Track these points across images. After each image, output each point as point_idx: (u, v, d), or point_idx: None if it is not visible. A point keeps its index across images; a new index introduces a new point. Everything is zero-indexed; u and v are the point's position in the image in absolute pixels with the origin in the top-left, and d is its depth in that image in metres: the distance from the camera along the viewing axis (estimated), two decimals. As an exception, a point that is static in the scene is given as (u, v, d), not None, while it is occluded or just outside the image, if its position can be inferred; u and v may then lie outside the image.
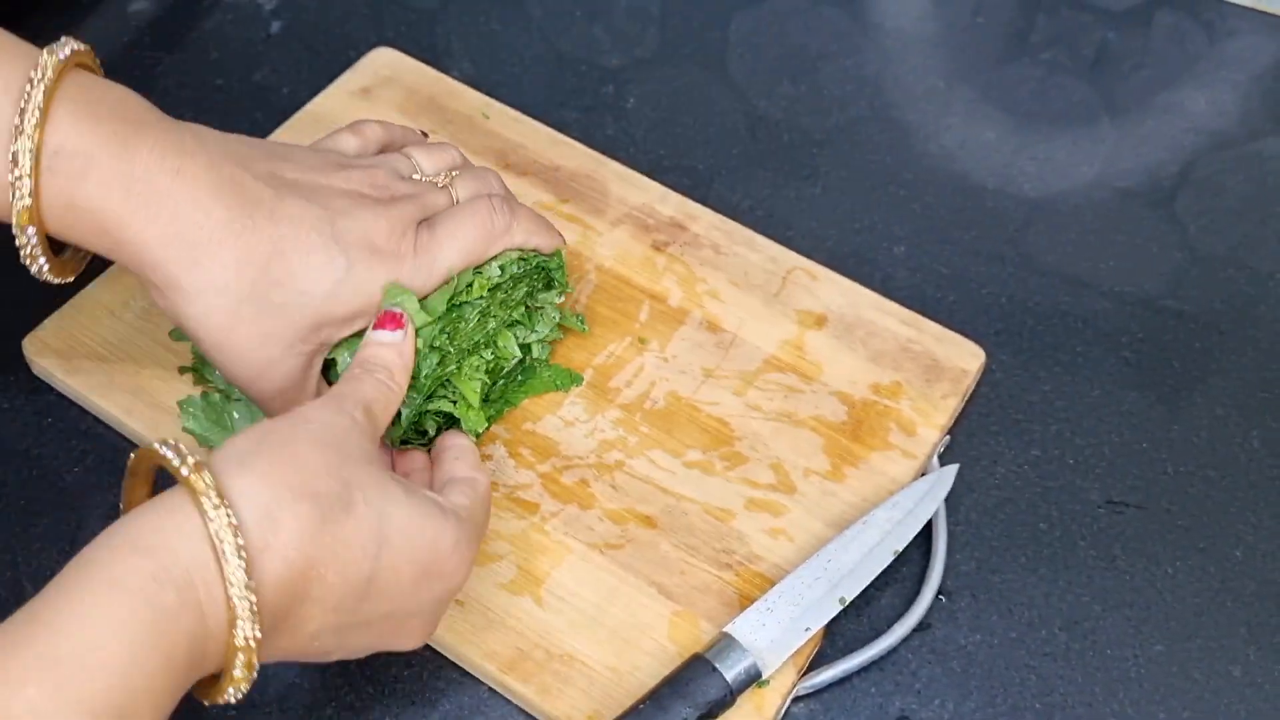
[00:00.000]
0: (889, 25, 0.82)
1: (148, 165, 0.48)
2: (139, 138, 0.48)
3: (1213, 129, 0.77)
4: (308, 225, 0.51)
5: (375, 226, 0.53)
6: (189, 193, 0.49)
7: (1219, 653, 0.58)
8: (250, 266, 0.50)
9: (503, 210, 0.57)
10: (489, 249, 0.56)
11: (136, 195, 0.48)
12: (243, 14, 0.80)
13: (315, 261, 0.51)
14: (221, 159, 0.51)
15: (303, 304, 0.51)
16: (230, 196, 0.50)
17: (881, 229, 0.72)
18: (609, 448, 0.61)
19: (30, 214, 0.48)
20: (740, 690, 0.52)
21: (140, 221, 0.48)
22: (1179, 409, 0.65)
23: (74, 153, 0.47)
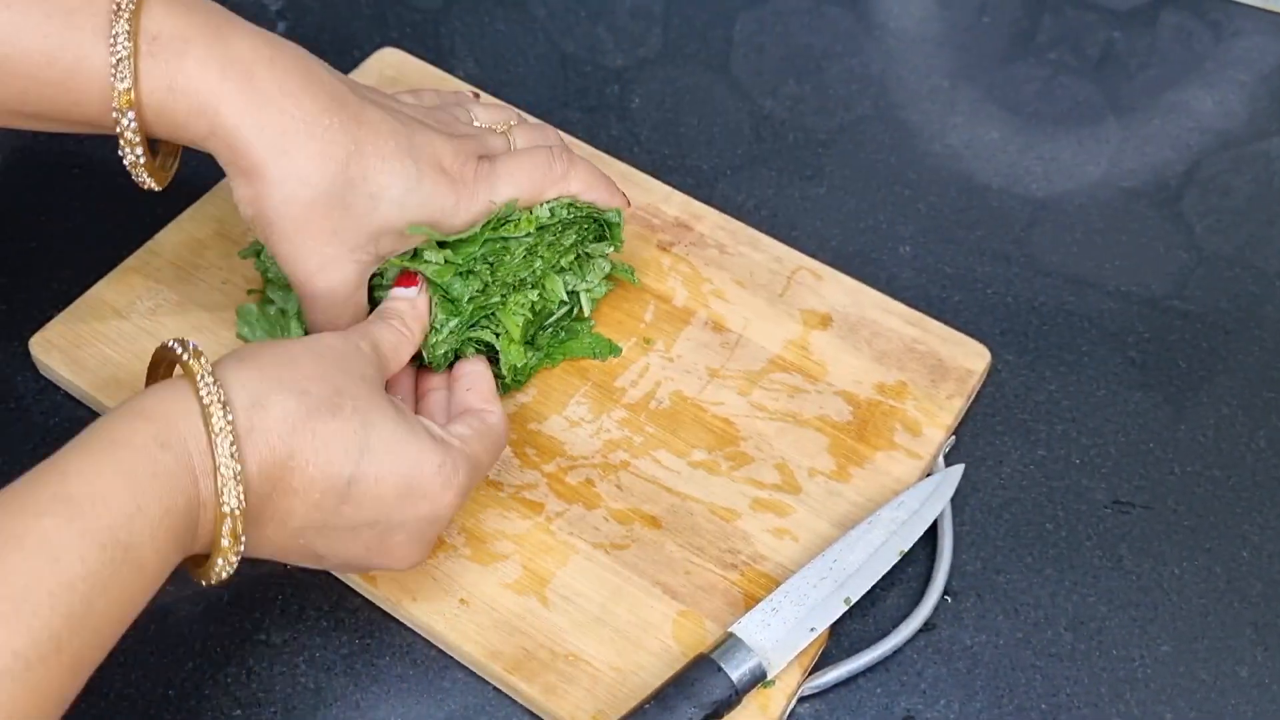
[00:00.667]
0: (893, 25, 0.82)
1: (242, 50, 0.51)
2: (231, 27, 0.51)
3: (1219, 129, 0.77)
4: (386, 132, 0.54)
5: (444, 148, 0.56)
6: (282, 82, 0.51)
7: (1225, 653, 0.58)
8: (332, 161, 0.52)
9: (560, 159, 0.60)
10: (545, 191, 0.59)
11: (232, 78, 0.50)
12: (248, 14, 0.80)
13: (389, 167, 0.53)
14: (308, 58, 0.54)
15: (372, 206, 0.53)
16: (319, 91, 0.52)
17: (886, 229, 0.72)
18: (614, 448, 0.61)
19: (129, 99, 0.49)
20: (745, 690, 0.52)
21: (235, 104, 0.50)
22: (1185, 409, 0.65)
23: (170, 35, 0.50)
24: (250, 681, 0.55)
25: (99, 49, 0.49)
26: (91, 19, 0.49)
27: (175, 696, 0.55)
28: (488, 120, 0.62)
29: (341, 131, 0.52)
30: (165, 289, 0.65)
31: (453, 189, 0.55)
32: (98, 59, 0.49)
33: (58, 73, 0.49)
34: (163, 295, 0.64)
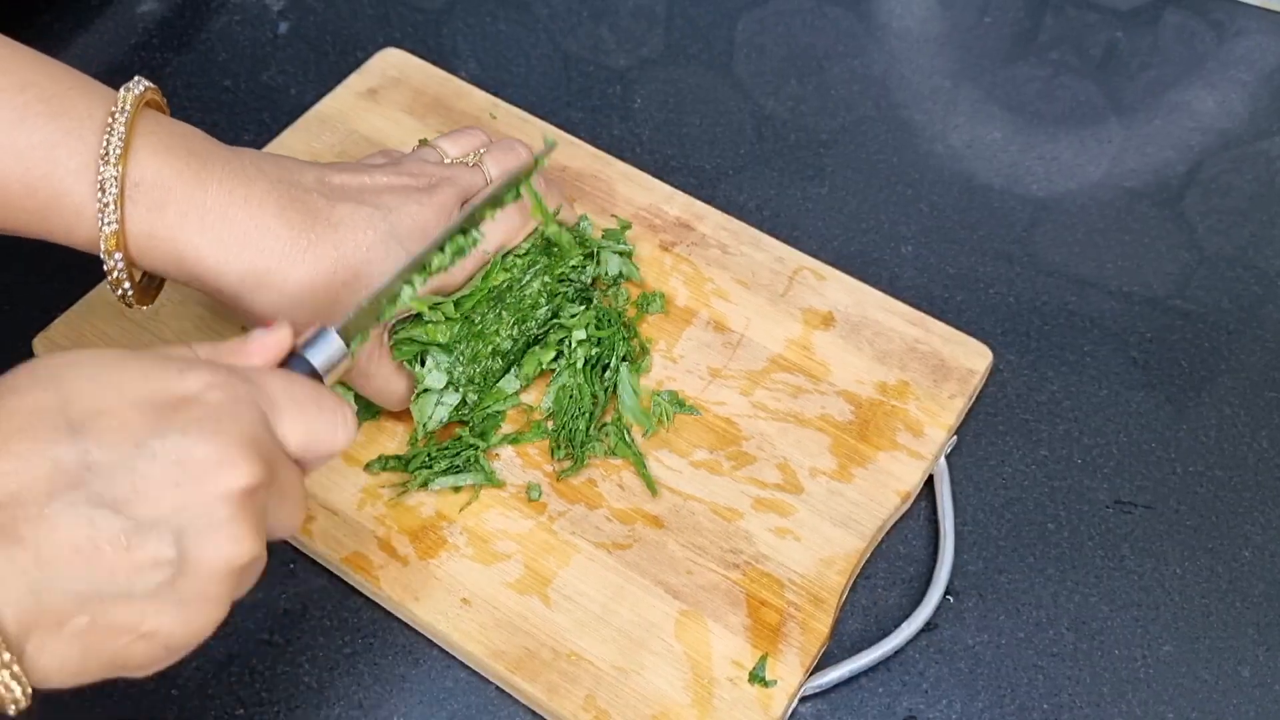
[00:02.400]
0: (895, 25, 0.82)
1: (218, 196, 0.52)
2: (208, 170, 0.52)
3: (1220, 129, 0.77)
4: (362, 224, 0.54)
5: (422, 214, 0.56)
6: (256, 218, 0.52)
7: (1227, 653, 0.58)
8: (319, 277, 0.53)
9: (537, 182, 0.60)
10: (529, 221, 0.60)
11: (210, 227, 0.51)
12: (250, 15, 0.81)
13: (375, 257, 0.54)
14: (277, 180, 0.54)
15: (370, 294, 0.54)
16: (292, 214, 0.53)
17: (888, 229, 0.72)
18: (616, 447, 0.61)
19: (117, 240, 0.50)
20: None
21: (217, 252, 0.52)
22: (1187, 409, 0.65)
23: (153, 184, 0.50)
24: (253, 681, 0.55)
25: (80, 187, 0.49)
26: (74, 157, 0.49)
27: (179, 696, 0.55)
28: (457, 152, 0.62)
29: (320, 245, 0.53)
30: (168, 288, 0.65)
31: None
32: (78, 197, 0.49)
33: (37, 203, 0.50)
34: (166, 295, 0.64)
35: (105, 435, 0.38)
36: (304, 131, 0.71)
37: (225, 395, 0.41)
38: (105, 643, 0.38)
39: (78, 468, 0.38)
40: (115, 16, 0.80)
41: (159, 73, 0.77)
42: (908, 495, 0.60)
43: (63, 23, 0.79)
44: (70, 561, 0.37)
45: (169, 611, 0.39)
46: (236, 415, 0.40)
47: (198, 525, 0.39)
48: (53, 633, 0.37)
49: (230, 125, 0.75)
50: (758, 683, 0.54)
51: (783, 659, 0.55)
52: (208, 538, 0.39)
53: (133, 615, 0.38)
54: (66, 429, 0.38)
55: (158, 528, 0.38)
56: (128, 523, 0.38)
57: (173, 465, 0.39)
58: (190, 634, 0.40)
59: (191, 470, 0.39)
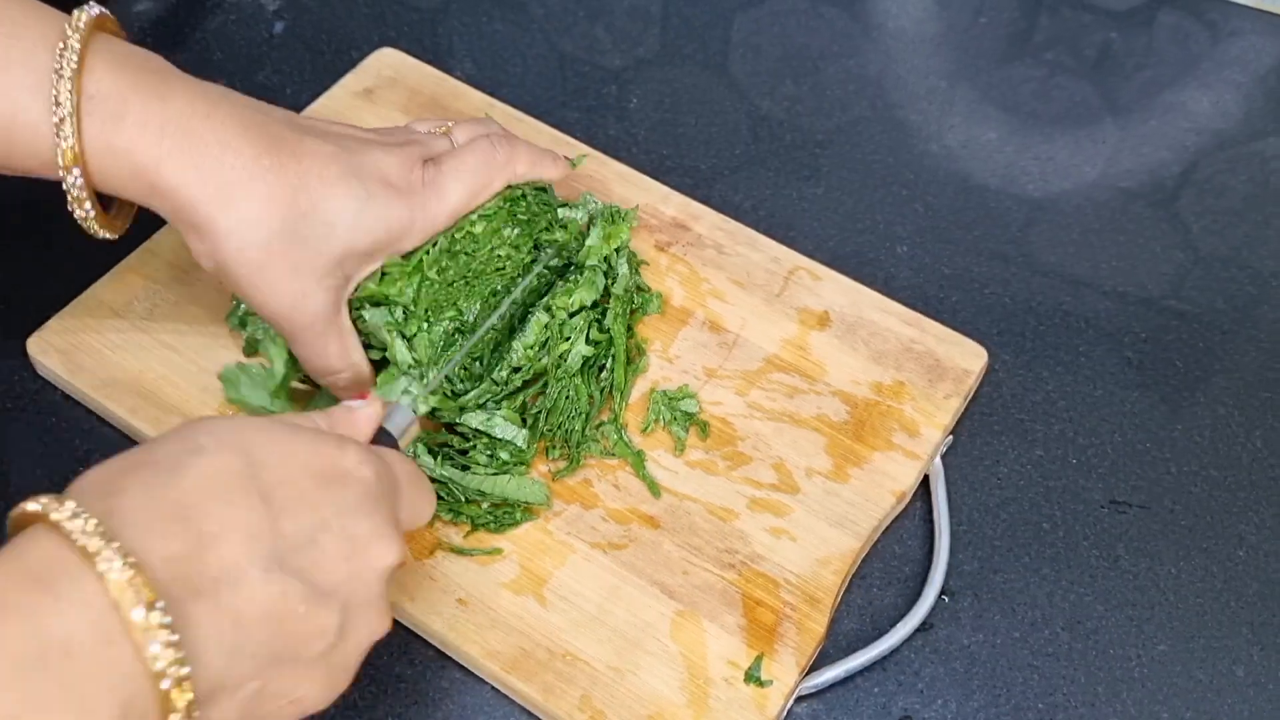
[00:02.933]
0: (891, 25, 0.82)
1: (179, 108, 0.51)
2: (168, 85, 0.52)
3: (1215, 129, 0.77)
4: (327, 158, 0.54)
5: (387, 161, 0.56)
6: (219, 134, 0.52)
7: (1222, 652, 0.58)
8: (278, 202, 0.52)
9: (502, 145, 0.60)
10: (493, 181, 0.59)
11: (170, 137, 0.51)
12: (246, 14, 0.81)
13: (337, 192, 0.54)
14: (244, 107, 0.54)
15: (328, 234, 0.54)
16: (256, 136, 0.52)
17: (884, 229, 0.72)
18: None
19: (75, 155, 0.50)
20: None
21: (175, 163, 0.51)
22: (1181, 409, 0.65)
23: (109, 95, 0.50)
24: (248, 681, 0.55)
25: (37, 104, 0.49)
26: (29, 75, 0.49)
27: (173, 696, 0.55)
28: (425, 128, 0.62)
29: (283, 170, 0.52)
30: (163, 289, 0.65)
31: (404, 200, 0.56)
32: (34, 114, 0.49)
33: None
34: (160, 295, 0.64)
35: (291, 507, 0.41)
36: (299, 131, 0.71)
37: (374, 472, 0.44)
38: (262, 707, 0.40)
39: (272, 538, 0.40)
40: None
41: (154, 72, 0.77)
42: (903, 495, 0.60)
43: (57, 22, 0.78)
44: (262, 626, 0.39)
45: (319, 679, 0.41)
46: (385, 494, 0.44)
47: (358, 599, 0.42)
48: (230, 695, 0.39)
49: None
50: (753, 683, 0.54)
51: (778, 659, 0.55)
52: (363, 612, 0.42)
53: (293, 682, 0.40)
54: (260, 498, 0.40)
55: (331, 598, 0.41)
56: (310, 591, 0.40)
57: (344, 540, 0.41)
58: (325, 702, 0.42)
59: (358, 546, 0.42)
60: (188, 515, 0.38)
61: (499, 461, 0.58)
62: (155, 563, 0.37)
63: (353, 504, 0.42)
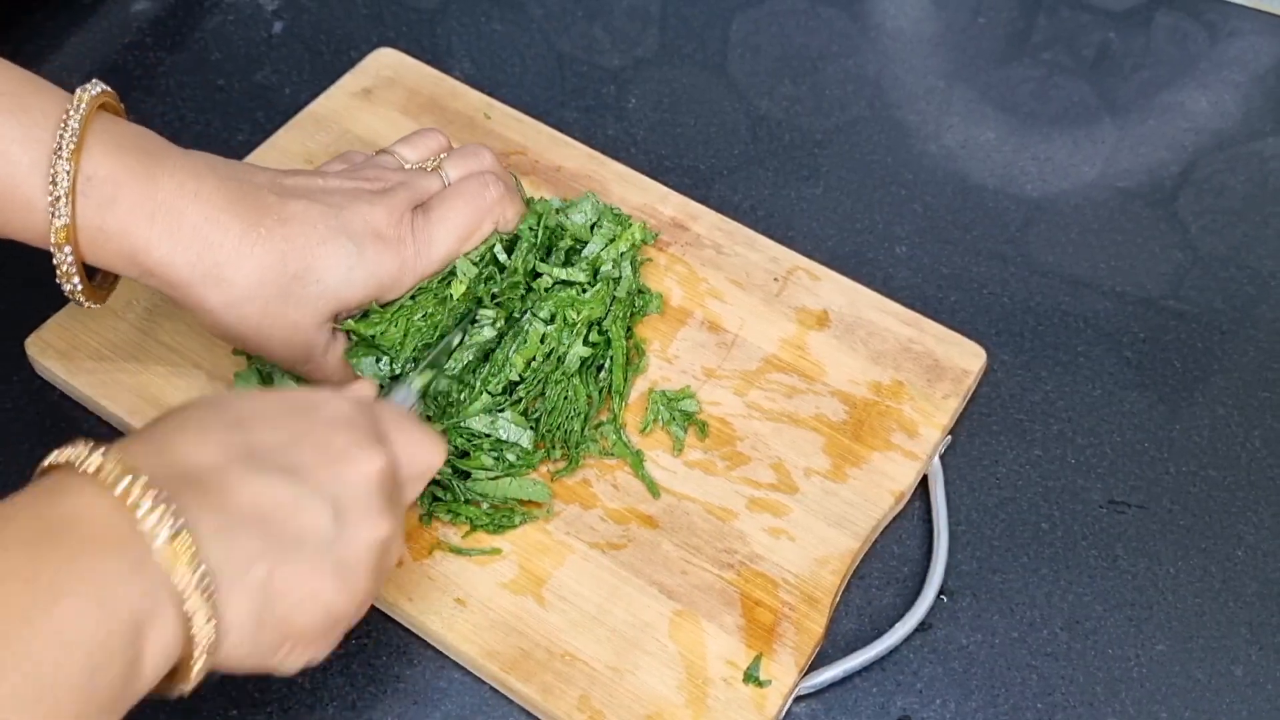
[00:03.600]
0: (889, 25, 0.82)
1: (168, 191, 0.52)
2: (159, 167, 0.53)
3: (1214, 129, 0.77)
4: (313, 220, 0.55)
5: (374, 214, 0.57)
6: (205, 212, 0.53)
7: (1221, 652, 0.58)
8: (270, 270, 0.54)
9: (495, 185, 0.60)
10: (483, 225, 0.60)
11: (160, 221, 0.52)
12: (244, 14, 0.81)
13: (326, 251, 0.55)
14: (228, 177, 0.55)
15: (321, 291, 0.55)
16: (241, 208, 0.54)
17: (882, 229, 0.72)
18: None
19: (67, 233, 0.51)
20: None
21: (166, 246, 0.52)
22: (1180, 409, 0.66)
23: (104, 179, 0.51)
24: (246, 682, 0.55)
25: (33, 180, 0.50)
26: (29, 151, 0.50)
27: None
28: (416, 158, 0.62)
29: (270, 239, 0.54)
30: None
31: (395, 252, 0.57)
32: (30, 191, 0.50)
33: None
34: (159, 296, 0.64)
35: (263, 428, 0.45)
36: (298, 131, 0.71)
37: (349, 404, 0.48)
38: (278, 599, 0.43)
39: (246, 446, 0.44)
40: (109, 16, 0.80)
41: (153, 72, 0.77)
42: (902, 495, 0.60)
43: (56, 22, 0.78)
44: (251, 514, 0.42)
45: (329, 574, 0.44)
46: (361, 419, 0.48)
47: (348, 498, 0.45)
48: (239, 581, 0.42)
49: (224, 125, 0.75)
50: (752, 682, 0.54)
51: (777, 659, 0.55)
52: (356, 510, 0.45)
53: (301, 572, 0.43)
54: (232, 424, 0.45)
55: (318, 495, 0.44)
56: (296, 486, 0.44)
57: (320, 448, 0.45)
58: (346, 601, 0.45)
59: (335, 453, 0.45)
60: (166, 439, 0.43)
61: (505, 464, 0.58)
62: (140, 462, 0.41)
63: (326, 422, 0.46)
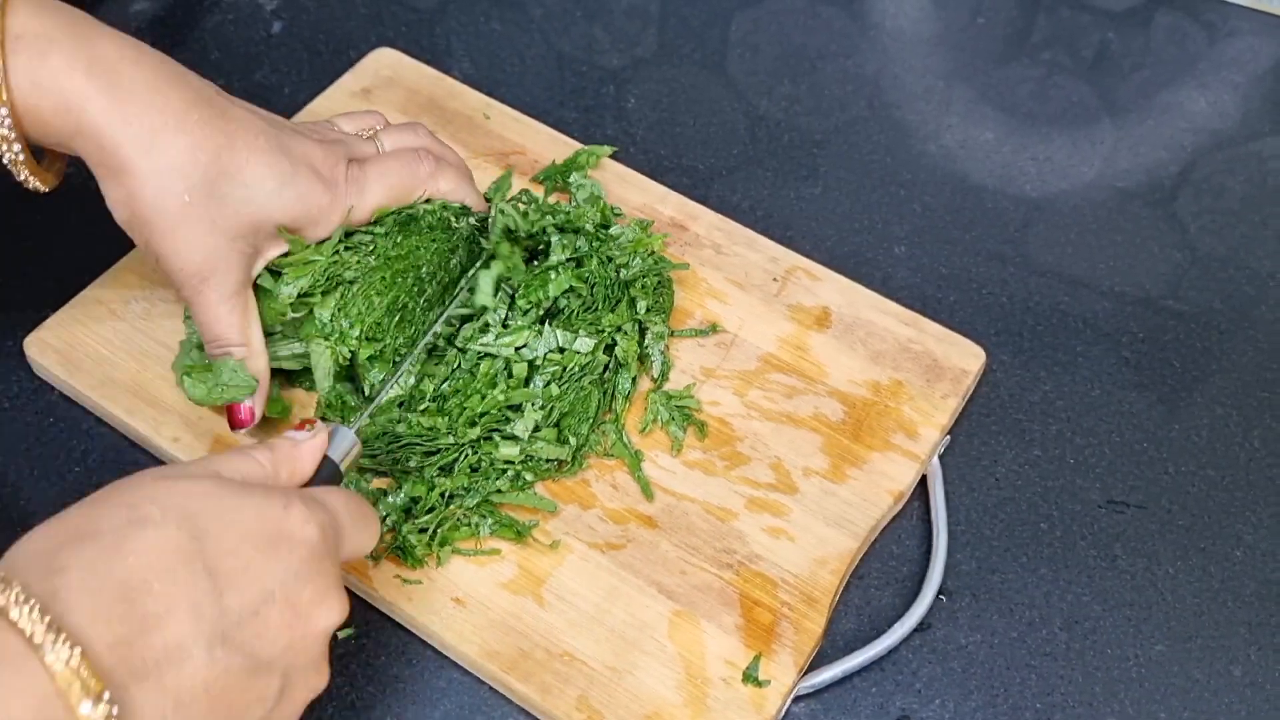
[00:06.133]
0: (889, 25, 0.82)
1: (106, 50, 0.51)
2: (95, 30, 0.52)
3: (1213, 129, 0.77)
4: (256, 129, 0.54)
5: (314, 150, 0.56)
6: (147, 79, 0.52)
7: (1219, 652, 0.58)
8: (203, 153, 0.52)
9: (426, 159, 0.61)
10: (413, 191, 0.60)
11: (97, 75, 0.51)
12: (243, 14, 0.81)
13: (263, 160, 0.54)
14: (172, 61, 0.54)
15: (248, 197, 0.54)
16: (185, 89, 0.53)
17: (881, 229, 0.72)
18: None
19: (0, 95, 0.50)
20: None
21: (102, 100, 0.51)
22: (1179, 409, 0.66)
23: (36, 35, 0.50)
24: (246, 681, 0.55)
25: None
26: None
27: (171, 696, 0.55)
28: (352, 129, 0.62)
29: (211, 126, 0.53)
30: (159, 289, 0.65)
31: (326, 189, 0.56)
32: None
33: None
34: (157, 295, 0.64)
35: (236, 580, 0.40)
36: (297, 131, 0.71)
37: (318, 530, 0.43)
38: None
39: (215, 613, 0.40)
40: (108, 15, 0.79)
41: (151, 72, 0.77)
42: (901, 495, 0.60)
43: (55, 22, 0.78)
44: (201, 702, 0.39)
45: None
46: (327, 553, 0.44)
47: (299, 662, 0.43)
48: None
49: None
50: (751, 682, 0.54)
51: (776, 659, 0.55)
52: (303, 674, 0.43)
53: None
54: (205, 573, 0.40)
55: (272, 666, 0.41)
56: (250, 664, 0.40)
57: (287, 608, 0.42)
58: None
59: (300, 612, 0.42)
60: (132, 596, 0.38)
61: (542, 472, 0.59)
62: (100, 649, 0.37)
63: (296, 568, 0.42)
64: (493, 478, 0.58)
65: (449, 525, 0.57)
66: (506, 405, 0.58)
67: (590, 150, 0.70)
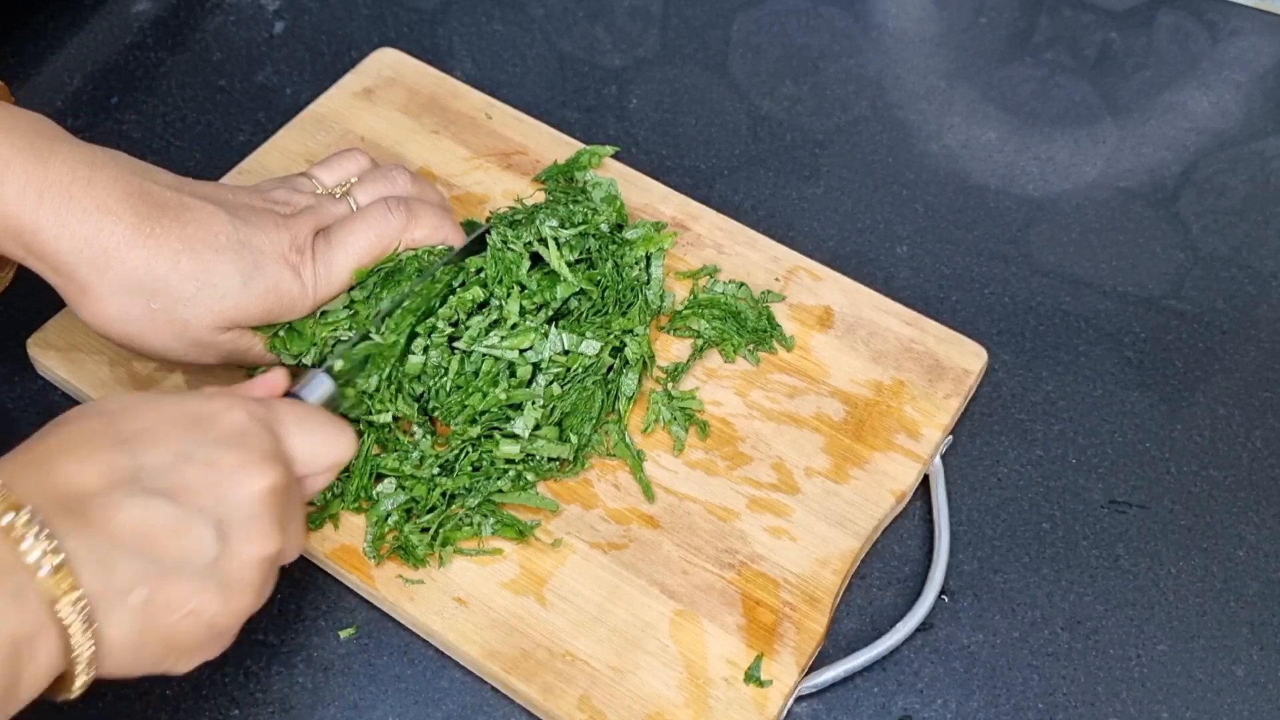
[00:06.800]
0: (890, 25, 0.82)
1: (60, 174, 0.51)
2: (51, 150, 0.52)
3: (1215, 129, 0.77)
4: (216, 227, 0.54)
5: (277, 236, 0.56)
6: (99, 200, 0.52)
7: (1222, 652, 0.58)
8: (160, 264, 0.52)
9: (398, 210, 0.59)
10: (385, 249, 0.59)
11: (49, 203, 0.51)
12: (245, 15, 0.81)
13: (225, 259, 0.54)
14: (129, 172, 0.53)
15: (218, 296, 0.54)
16: (139, 203, 0.52)
17: (883, 229, 0.72)
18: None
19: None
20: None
21: (53, 228, 0.51)
22: (1181, 409, 0.65)
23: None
24: (248, 681, 0.55)
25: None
26: None
27: (172, 696, 0.55)
28: (332, 181, 0.61)
29: (165, 235, 0.52)
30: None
31: (294, 275, 0.56)
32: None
33: None
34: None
35: (150, 446, 0.44)
36: (299, 131, 0.71)
37: (244, 414, 0.47)
38: (160, 617, 0.43)
39: (131, 469, 0.43)
40: (110, 16, 0.80)
41: (154, 72, 0.77)
42: (903, 495, 0.60)
43: (57, 22, 0.78)
44: (132, 539, 0.42)
45: (212, 591, 0.44)
46: (255, 431, 0.47)
47: (233, 518, 0.45)
48: (119, 603, 0.42)
49: (225, 125, 0.75)
50: (753, 683, 0.54)
51: (778, 659, 0.55)
52: (242, 528, 0.45)
53: (182, 593, 0.43)
54: (118, 441, 0.44)
55: (202, 515, 0.44)
56: (177, 510, 0.43)
57: (208, 468, 0.45)
58: (228, 615, 0.45)
59: (224, 472, 0.45)
60: (51, 461, 0.43)
61: (544, 471, 0.59)
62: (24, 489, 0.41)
63: (215, 439, 0.45)
64: (494, 477, 0.58)
65: (451, 525, 0.57)
66: (508, 405, 0.58)
67: (592, 150, 0.70)
